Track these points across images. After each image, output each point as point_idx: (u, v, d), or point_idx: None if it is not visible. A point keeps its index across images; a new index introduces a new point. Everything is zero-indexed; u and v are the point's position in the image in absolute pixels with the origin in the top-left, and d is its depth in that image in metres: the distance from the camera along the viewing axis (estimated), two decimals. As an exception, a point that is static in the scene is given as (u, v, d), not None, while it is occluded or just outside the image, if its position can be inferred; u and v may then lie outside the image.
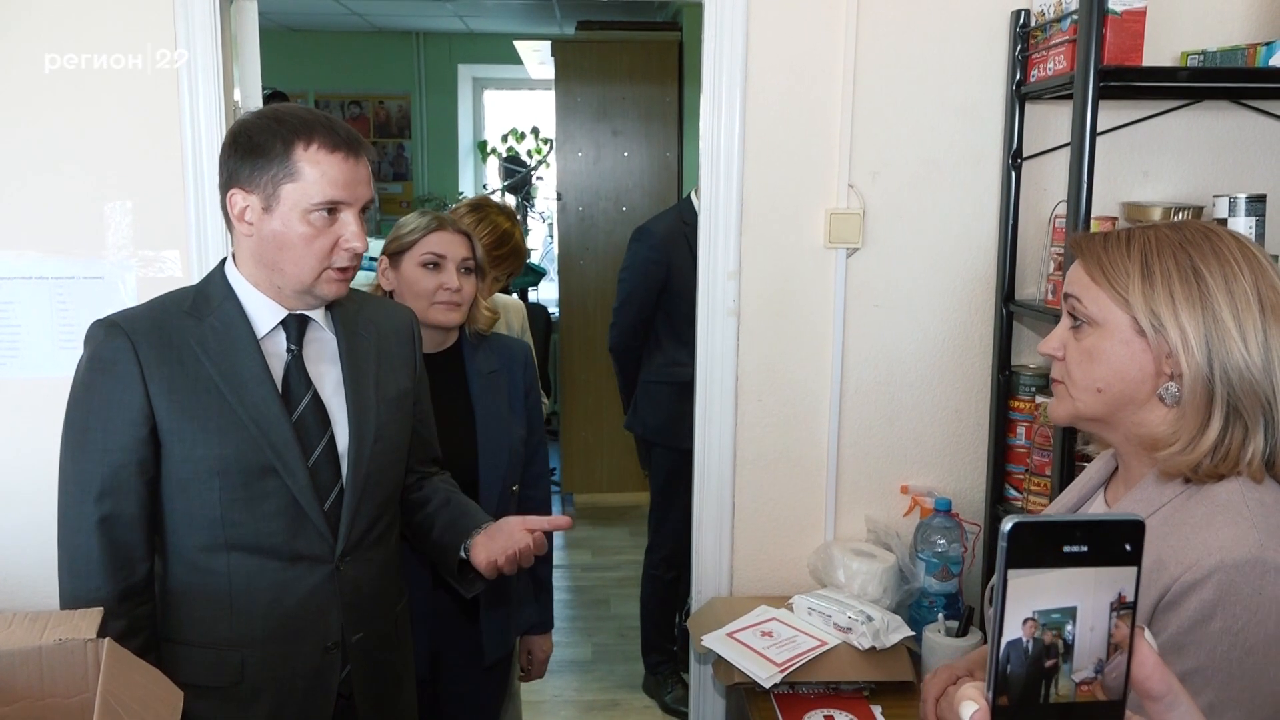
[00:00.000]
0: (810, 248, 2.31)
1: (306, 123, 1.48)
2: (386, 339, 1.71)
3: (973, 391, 2.38)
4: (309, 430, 1.55)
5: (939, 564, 2.19)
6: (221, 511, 1.51)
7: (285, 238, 1.49)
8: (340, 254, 1.51)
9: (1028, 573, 0.61)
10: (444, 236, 2.06)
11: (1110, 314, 1.17)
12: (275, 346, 1.56)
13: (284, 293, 1.54)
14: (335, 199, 1.48)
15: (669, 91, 5.11)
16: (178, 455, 1.50)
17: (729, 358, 2.33)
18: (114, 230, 2.19)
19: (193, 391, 1.49)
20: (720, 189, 2.28)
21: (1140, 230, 1.19)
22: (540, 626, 2.35)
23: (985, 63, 2.26)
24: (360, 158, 1.51)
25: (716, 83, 2.25)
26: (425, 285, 2.04)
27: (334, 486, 1.58)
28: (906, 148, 2.29)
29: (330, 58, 6.92)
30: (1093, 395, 1.20)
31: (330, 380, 1.60)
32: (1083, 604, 0.62)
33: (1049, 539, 0.61)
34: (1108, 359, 1.18)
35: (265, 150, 1.47)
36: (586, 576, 4.65)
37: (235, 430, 1.49)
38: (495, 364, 2.17)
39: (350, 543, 1.59)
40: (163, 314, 1.54)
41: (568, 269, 5.28)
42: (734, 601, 2.34)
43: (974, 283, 2.34)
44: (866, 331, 2.35)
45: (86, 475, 1.49)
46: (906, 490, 2.39)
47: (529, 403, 2.23)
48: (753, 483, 2.40)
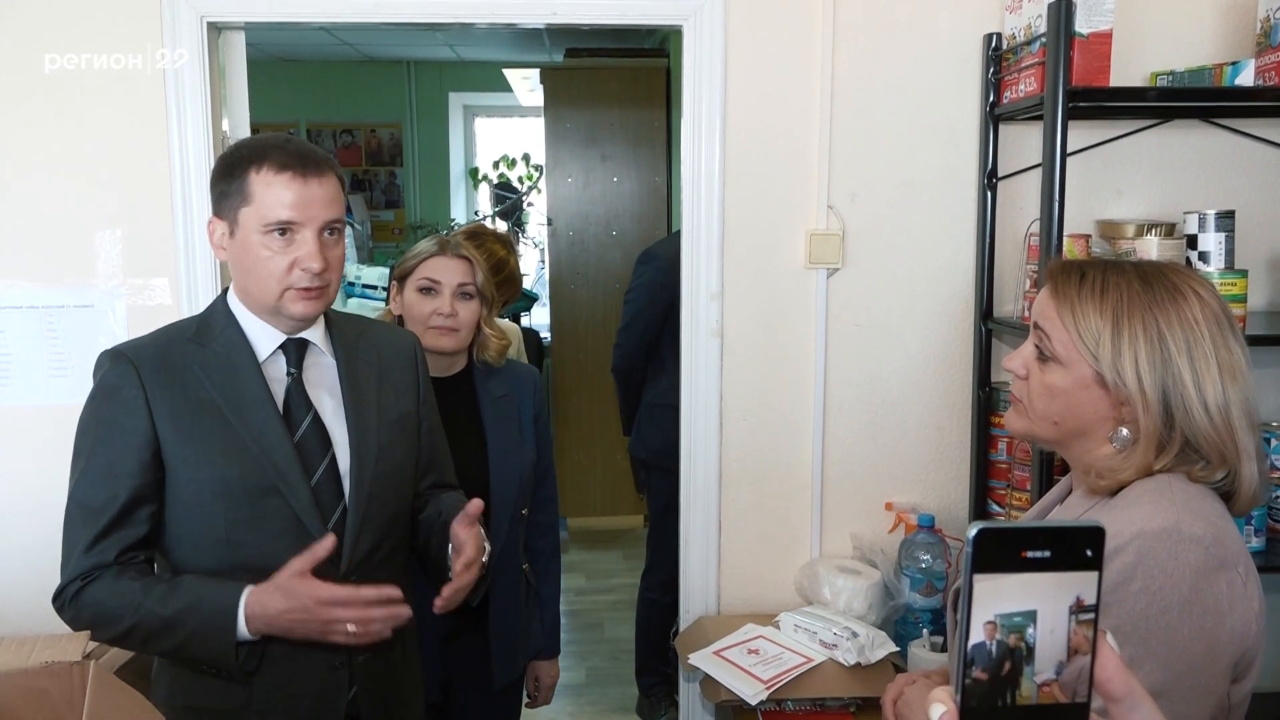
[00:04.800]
0: (791, 269, 2.34)
1: (261, 146, 1.52)
2: (388, 362, 1.73)
3: (954, 408, 2.40)
4: (310, 451, 1.58)
5: (923, 579, 2.20)
6: (227, 533, 1.53)
7: (245, 260, 1.54)
8: (298, 274, 1.53)
9: (991, 577, 0.63)
10: (440, 262, 2.09)
11: (1075, 360, 1.23)
12: (276, 370, 1.60)
13: (268, 314, 1.58)
14: (285, 220, 1.51)
15: (657, 117, 5.15)
16: (182, 478, 1.52)
17: (713, 378, 2.36)
18: (104, 259, 2.22)
19: (196, 415, 1.53)
20: (702, 211, 2.31)
21: (1114, 280, 1.24)
22: (547, 652, 2.34)
23: (960, 85, 2.30)
24: (313, 178, 1.52)
25: (696, 107, 2.28)
26: (421, 310, 2.07)
27: (337, 506, 1.59)
28: (884, 169, 2.32)
29: (321, 87, 6.97)
30: (1049, 425, 1.29)
31: (330, 403, 1.63)
32: (1043, 607, 0.64)
33: (1012, 544, 0.63)
34: (1067, 398, 1.25)
35: (230, 177, 1.53)
36: (580, 600, 4.63)
37: (238, 452, 1.52)
38: (506, 389, 2.18)
39: (354, 563, 1.60)
40: (167, 342, 1.59)
41: (559, 294, 5.30)
42: (721, 620, 2.35)
43: (953, 301, 2.37)
44: (848, 350, 2.37)
45: (91, 498, 1.51)
46: (891, 507, 2.41)
47: (539, 427, 2.24)
48: (739, 501, 2.41)
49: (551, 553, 2.34)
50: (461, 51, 6.71)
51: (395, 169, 7.23)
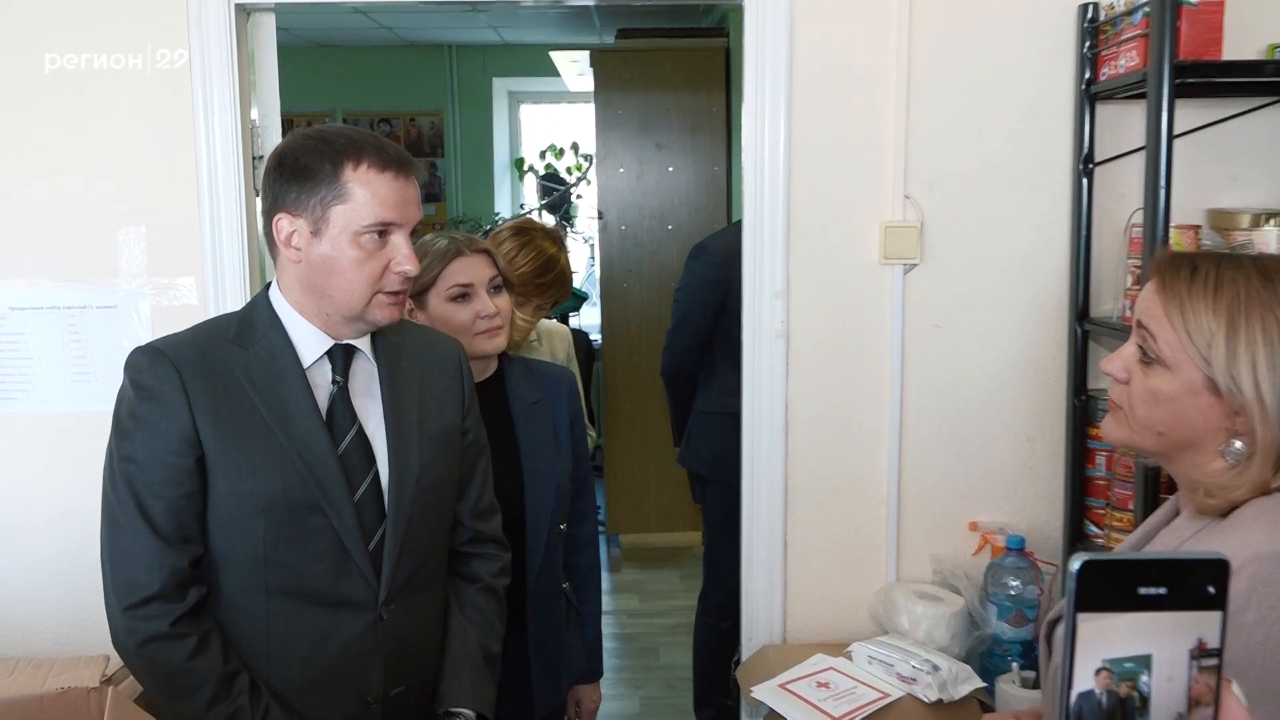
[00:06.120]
0: (864, 264, 2.31)
1: (355, 142, 1.52)
2: (431, 372, 1.73)
3: (1046, 417, 2.35)
4: (353, 466, 1.58)
5: (1012, 608, 2.16)
6: (265, 551, 1.53)
7: (334, 262, 1.52)
8: (391, 277, 1.54)
9: (1098, 617, 0.60)
10: (465, 263, 2.07)
11: (1184, 363, 1.19)
12: (320, 377, 1.59)
13: (332, 320, 1.57)
14: (386, 220, 1.51)
15: (716, 101, 5.13)
16: (222, 489, 1.52)
17: (778, 383, 2.33)
18: (127, 257, 2.25)
19: (239, 423, 1.52)
20: (765, 202, 2.29)
21: (1229, 275, 1.20)
22: (589, 675, 2.33)
23: (1051, 61, 2.25)
24: (410, 177, 1.55)
25: (759, 89, 2.26)
26: (460, 319, 2.05)
27: (379, 527, 1.59)
28: (967, 155, 2.28)
29: (359, 74, 7.06)
30: (1152, 435, 1.25)
31: (375, 414, 1.63)
32: (1159, 652, 0.61)
33: (1122, 579, 0.60)
34: (1173, 406, 1.21)
35: (313, 172, 1.51)
36: (634, 623, 4.63)
37: (281, 465, 1.52)
38: (538, 393, 2.17)
39: (394, 589, 1.60)
40: (207, 342, 1.57)
41: (610, 292, 5.30)
42: (788, 649, 2.33)
43: (1045, 299, 2.32)
44: (927, 353, 2.34)
45: (133, 507, 1.50)
46: (975, 527, 2.37)
47: (574, 434, 2.23)
48: (807, 519, 2.39)
49: (591, 568, 2.33)
50: (505, 34, 6.75)
51: (436, 160, 7.30)
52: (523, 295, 2.60)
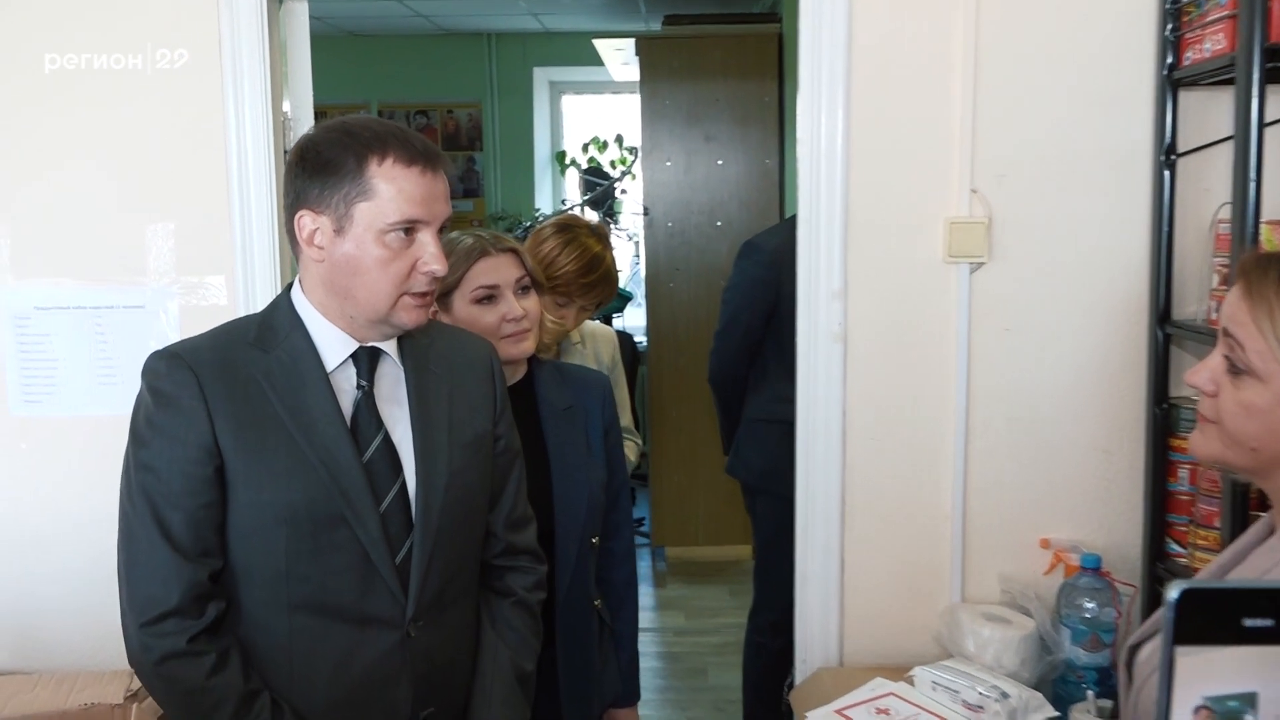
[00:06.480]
0: (928, 262, 2.29)
1: (380, 135, 1.52)
2: (460, 375, 1.73)
3: (1124, 427, 2.32)
4: (379, 475, 1.58)
5: (1087, 631, 2.12)
6: (287, 565, 1.53)
7: (359, 261, 1.52)
8: (418, 277, 1.54)
9: (1198, 650, 0.59)
10: (491, 263, 2.07)
11: (1276, 373, 1.17)
12: (345, 382, 1.60)
13: (356, 322, 1.58)
14: (413, 217, 1.51)
15: (768, 91, 5.12)
16: (242, 500, 1.53)
17: (834, 390, 2.32)
18: (155, 254, 2.29)
19: (260, 430, 1.53)
20: (821, 197, 2.28)
21: None
22: (625, 698, 2.33)
23: (1129, 45, 2.22)
24: (438, 172, 1.55)
25: (816, 77, 2.25)
26: (486, 322, 2.05)
27: (405, 539, 1.59)
28: (1038, 146, 2.26)
29: (394, 64, 7.13)
30: (1246, 452, 1.22)
31: (401, 421, 1.63)
32: (1265, 689, 0.59)
33: (1225, 610, 0.59)
34: (1266, 419, 1.19)
35: (336, 167, 1.51)
36: (680, 642, 4.63)
37: (304, 474, 1.52)
38: (570, 399, 2.18)
39: (422, 605, 1.60)
40: (226, 345, 1.58)
41: (656, 292, 5.31)
42: (845, 672, 2.31)
43: (1123, 300, 2.29)
44: (996, 358, 2.31)
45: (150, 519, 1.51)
46: (1047, 544, 2.34)
47: (609, 442, 2.23)
48: (865, 534, 2.37)
49: (627, 584, 2.33)
50: (547, 21, 6.78)
51: (474, 153, 7.35)
52: (566, 296, 2.61)
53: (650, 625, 4.75)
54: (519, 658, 1.79)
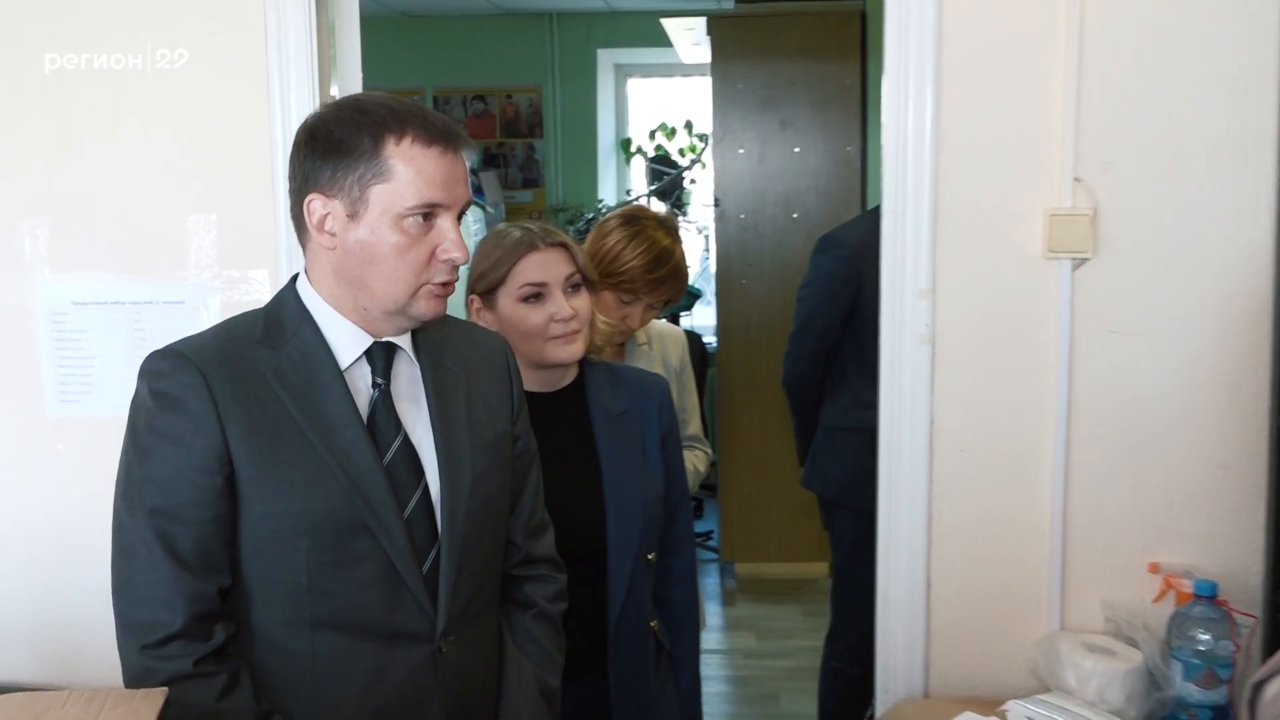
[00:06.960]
0: (1025, 258, 2.26)
1: (397, 113, 1.51)
2: (477, 373, 1.73)
3: (1244, 442, 2.27)
4: (401, 480, 1.58)
5: (1202, 666, 2.08)
6: (309, 579, 1.53)
7: (374, 248, 1.52)
8: (438, 266, 1.54)
9: None
10: (539, 259, 2.07)
11: None
12: (359, 380, 1.60)
13: (370, 315, 1.58)
14: (433, 201, 1.51)
15: (850, 73, 5.11)
16: (258, 511, 1.53)
17: (921, 396, 2.29)
18: (196, 247, 2.31)
19: (274, 435, 1.52)
20: (908, 187, 2.25)
21: None
22: None
23: (1253, 21, 2.17)
24: (459, 153, 1.54)
25: (903, 57, 2.23)
26: (533, 322, 2.06)
27: (431, 547, 1.59)
28: (1149, 131, 2.22)
29: (450, 47, 7.20)
30: None
31: (420, 421, 1.63)
32: None
33: None
34: None
35: (350, 147, 1.50)
36: (750, 665, 4.62)
37: (323, 480, 1.52)
38: (626, 403, 2.17)
39: (452, 617, 1.60)
40: (232, 343, 1.58)
41: (727, 289, 5.32)
42: (930, 705, 2.30)
43: (1243, 302, 2.24)
44: (1100, 363, 2.28)
45: (152, 534, 1.51)
46: (1157, 569, 2.29)
47: (667, 450, 2.22)
48: (954, 554, 2.35)
49: (687, 605, 2.33)
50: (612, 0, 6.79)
51: (534, 141, 7.40)
52: (632, 293, 2.60)
53: (718, 646, 4.75)
54: (543, 673, 1.79)
